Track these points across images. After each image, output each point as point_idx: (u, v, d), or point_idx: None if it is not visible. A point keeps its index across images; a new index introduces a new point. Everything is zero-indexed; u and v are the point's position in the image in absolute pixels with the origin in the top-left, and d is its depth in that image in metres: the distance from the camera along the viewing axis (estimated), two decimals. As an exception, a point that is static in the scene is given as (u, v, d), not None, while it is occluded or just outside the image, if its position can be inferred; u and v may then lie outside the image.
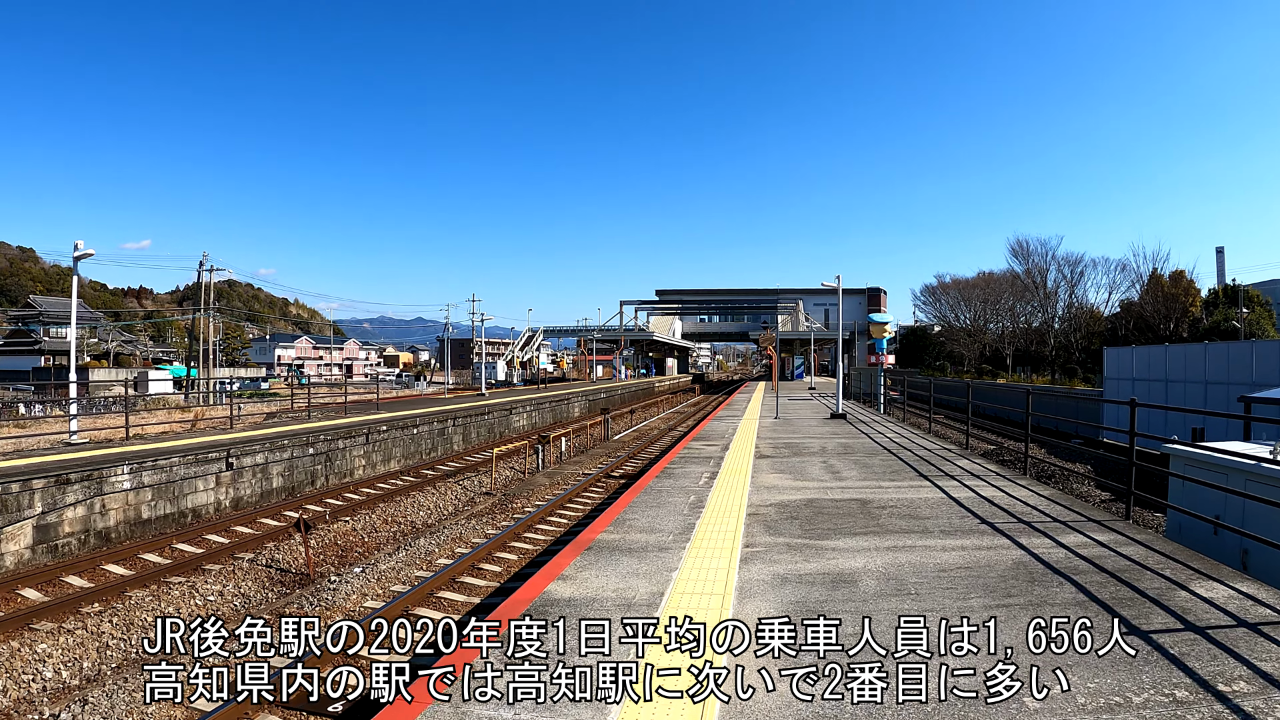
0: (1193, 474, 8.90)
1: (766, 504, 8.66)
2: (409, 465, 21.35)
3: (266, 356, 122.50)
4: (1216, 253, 66.76)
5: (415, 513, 15.19)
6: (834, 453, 13.55)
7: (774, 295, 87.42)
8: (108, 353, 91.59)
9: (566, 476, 19.10)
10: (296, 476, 17.96)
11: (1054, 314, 71.20)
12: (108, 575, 11.41)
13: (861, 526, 7.52)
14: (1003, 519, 7.89)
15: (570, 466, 20.72)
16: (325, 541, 13.01)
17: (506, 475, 19.51)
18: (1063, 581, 5.70)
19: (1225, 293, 50.43)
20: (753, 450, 13.90)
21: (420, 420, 23.23)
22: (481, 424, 27.25)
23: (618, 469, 19.78)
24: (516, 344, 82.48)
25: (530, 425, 31.38)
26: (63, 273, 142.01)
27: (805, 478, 10.67)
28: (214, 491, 15.94)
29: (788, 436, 16.50)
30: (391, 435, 21.44)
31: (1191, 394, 22.57)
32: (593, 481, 17.50)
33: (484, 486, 17.98)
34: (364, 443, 20.24)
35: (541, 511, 14.07)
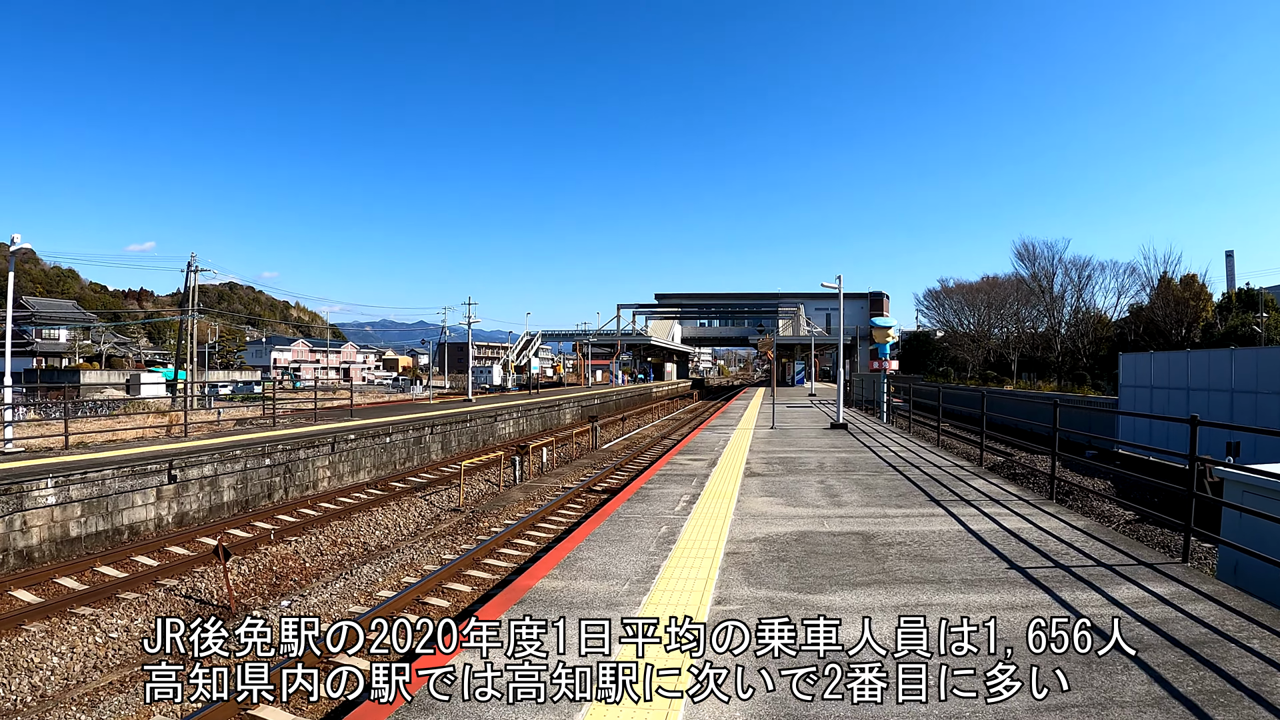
0: (1257, 504, 7.48)
1: (751, 538, 7.26)
2: (380, 476, 19.97)
3: (263, 359, 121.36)
4: (1226, 256, 65.06)
5: (371, 532, 13.79)
6: (833, 470, 12.14)
7: (775, 299, 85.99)
8: (100, 354, 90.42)
9: (545, 490, 17.71)
10: (251, 490, 16.59)
11: (1060, 319, 69.72)
12: (13, 602, 10.09)
13: (864, 573, 6.11)
14: (1035, 561, 6.49)
15: (551, 479, 19.32)
16: (261, 566, 11.62)
17: (481, 489, 18.12)
18: (1128, 665, 4.30)
19: (1239, 297, 48.93)
20: (742, 467, 12.50)
21: (395, 428, 21.85)
22: (464, 431, 25.86)
23: (601, 482, 18.38)
24: (514, 348, 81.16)
25: (517, 433, 30.00)
26: (63, 274, 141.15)
27: (799, 502, 9.27)
28: (154, 507, 14.58)
29: (783, 450, 15.09)
30: (361, 444, 20.06)
31: (1216, 403, 21.12)
32: (571, 497, 16.10)
33: (454, 501, 16.59)
34: (329, 452, 18.86)
35: (508, 533, 12.69)
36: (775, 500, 9.39)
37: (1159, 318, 55.11)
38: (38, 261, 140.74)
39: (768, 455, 14.07)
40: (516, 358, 78.32)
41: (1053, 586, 5.75)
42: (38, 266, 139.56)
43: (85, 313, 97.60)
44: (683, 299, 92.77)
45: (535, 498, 16.80)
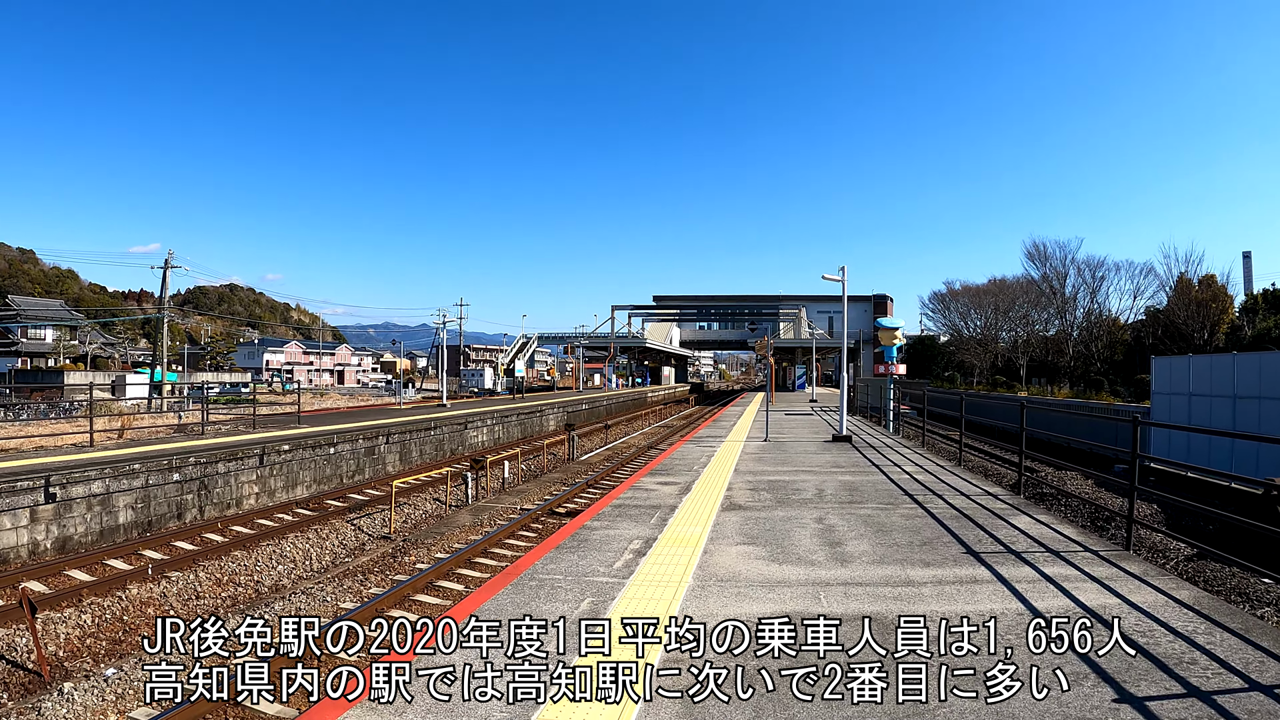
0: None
1: (710, 628, 4.76)
2: (321, 492, 17.54)
3: (255, 361, 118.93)
4: (1243, 257, 62.50)
5: (271, 568, 11.33)
6: (835, 500, 9.65)
7: (775, 301, 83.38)
8: (85, 355, 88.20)
9: (500, 512, 15.24)
10: (155, 509, 14.18)
11: (1073, 321, 67.07)
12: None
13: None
14: (1159, 682, 4.03)
15: (511, 498, 16.85)
16: (110, 615, 9.19)
17: (427, 509, 15.67)
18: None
19: (1267, 298, 46.37)
20: (721, 495, 10.02)
21: (342, 437, 19.40)
22: (428, 440, 23.40)
23: (568, 501, 15.93)
24: (510, 351, 78.79)
25: (491, 441, 27.53)
26: (63, 275, 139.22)
27: (787, 556, 6.79)
28: (27, 531, 12.18)
29: (775, 470, 12.61)
30: (298, 456, 17.62)
31: (1270, 413, 18.57)
32: (526, 522, 13.65)
33: (392, 524, 14.13)
34: (257, 466, 16.44)
35: (433, 572, 10.24)
36: (755, 552, 6.91)
37: (1180, 320, 52.53)
38: (37, 262, 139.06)
39: (755, 478, 11.59)
40: (515, 361, 76.04)
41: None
42: (37, 267, 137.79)
43: (73, 313, 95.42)
44: (680, 300, 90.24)
45: (485, 521, 14.34)
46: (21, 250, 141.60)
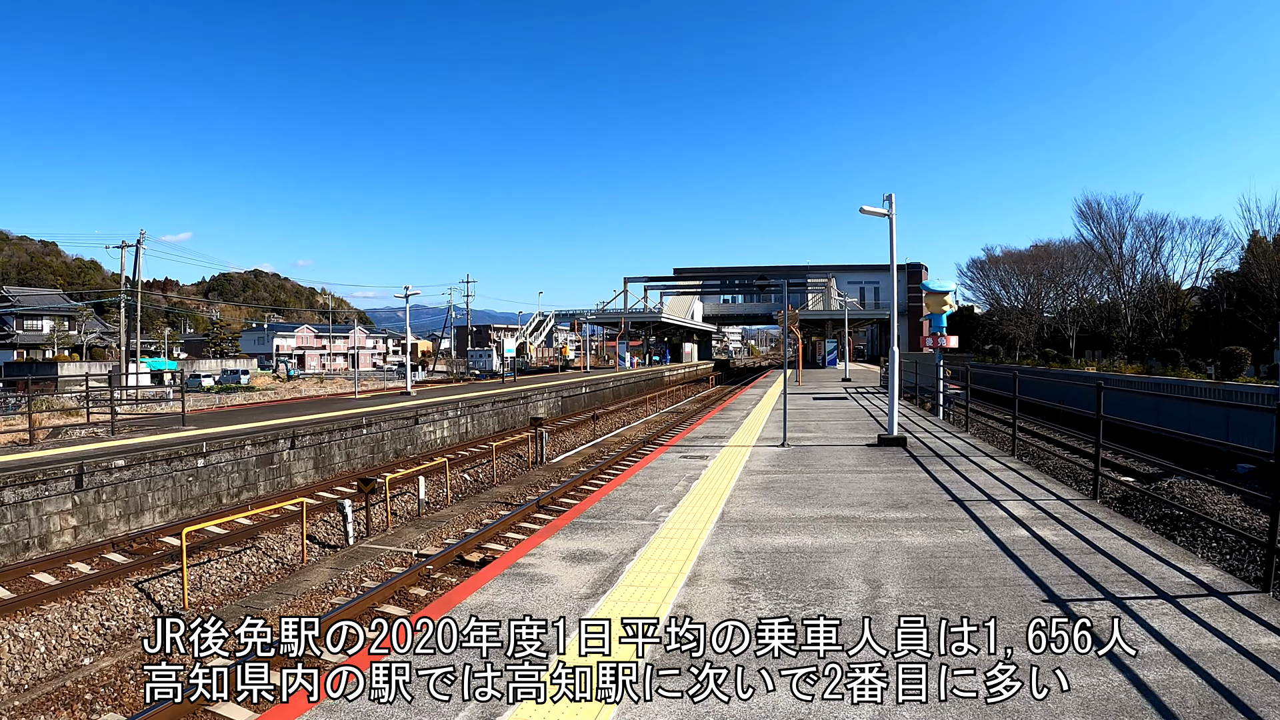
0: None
1: None
2: (182, 519, 12.84)
3: (265, 346, 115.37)
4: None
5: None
6: (907, 611, 4.56)
7: (803, 271, 77.41)
8: (81, 345, 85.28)
9: (378, 564, 10.33)
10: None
11: (1132, 287, 60.40)
12: None
13: None
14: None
15: (414, 532, 11.93)
16: None
17: (284, 555, 10.84)
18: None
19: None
20: (671, 601, 5.01)
21: (225, 443, 14.65)
22: (357, 440, 18.61)
23: (489, 540, 11.03)
24: (526, 329, 74.16)
25: (454, 437, 22.72)
26: (85, 266, 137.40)
27: None
28: None
29: (788, 519, 7.51)
30: (144, 472, 12.90)
31: None
32: (403, 585, 8.78)
33: (223, 578, 9.35)
34: (73, 490, 11.76)
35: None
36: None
37: (1263, 282, 46.01)
38: (60, 254, 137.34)
39: (750, 542, 6.51)
40: (531, 338, 71.68)
41: None
42: (59, 259, 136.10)
43: (70, 302, 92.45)
44: (703, 273, 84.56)
45: (350, 579, 9.44)
46: (44, 243, 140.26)
